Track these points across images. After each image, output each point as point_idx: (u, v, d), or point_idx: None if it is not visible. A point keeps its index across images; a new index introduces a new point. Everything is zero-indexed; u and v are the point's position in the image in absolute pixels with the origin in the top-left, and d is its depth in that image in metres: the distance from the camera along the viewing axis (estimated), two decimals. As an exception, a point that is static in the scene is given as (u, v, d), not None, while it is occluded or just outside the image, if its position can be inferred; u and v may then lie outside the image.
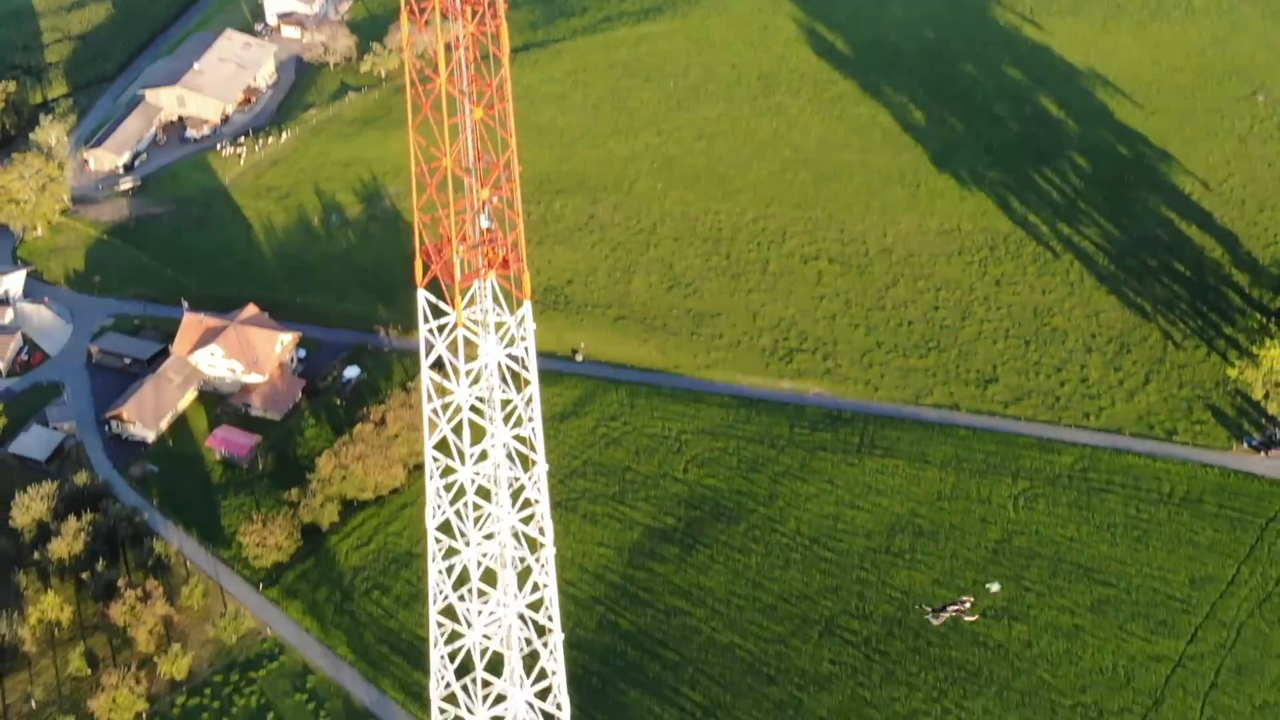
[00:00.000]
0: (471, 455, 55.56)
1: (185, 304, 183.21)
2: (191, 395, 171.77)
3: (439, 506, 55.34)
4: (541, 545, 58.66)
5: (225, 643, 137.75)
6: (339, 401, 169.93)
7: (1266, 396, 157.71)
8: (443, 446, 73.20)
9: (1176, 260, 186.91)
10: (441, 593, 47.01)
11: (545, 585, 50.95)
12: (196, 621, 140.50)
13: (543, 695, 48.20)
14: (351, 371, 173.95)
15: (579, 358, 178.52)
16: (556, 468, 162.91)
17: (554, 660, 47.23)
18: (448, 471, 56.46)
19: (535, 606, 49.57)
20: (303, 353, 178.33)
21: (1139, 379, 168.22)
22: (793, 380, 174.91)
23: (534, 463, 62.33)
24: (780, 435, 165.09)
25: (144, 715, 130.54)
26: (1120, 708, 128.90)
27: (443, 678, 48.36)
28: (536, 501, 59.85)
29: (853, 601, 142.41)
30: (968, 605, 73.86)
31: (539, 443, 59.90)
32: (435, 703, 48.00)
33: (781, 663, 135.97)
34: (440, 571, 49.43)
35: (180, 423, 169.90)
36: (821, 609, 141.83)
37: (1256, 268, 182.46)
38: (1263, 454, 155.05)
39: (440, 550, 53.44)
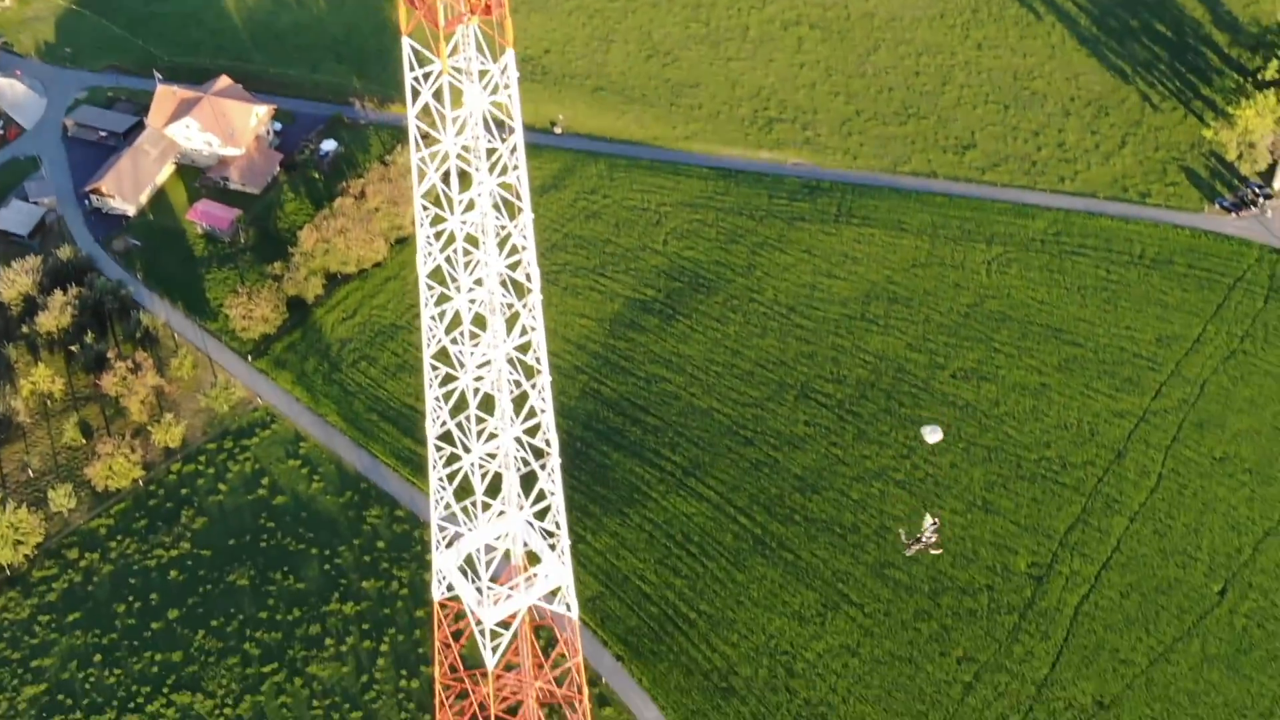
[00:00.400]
0: (460, 202, 56.41)
1: (158, 76, 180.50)
2: (169, 169, 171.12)
3: (429, 254, 56.48)
4: (529, 291, 60.05)
5: (217, 412, 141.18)
6: (317, 175, 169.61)
7: (1240, 157, 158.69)
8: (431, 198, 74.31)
9: (1157, 20, 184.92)
10: (434, 336, 48.89)
11: (534, 329, 52.73)
12: (187, 392, 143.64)
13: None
14: (329, 145, 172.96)
15: (558, 130, 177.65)
16: (538, 241, 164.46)
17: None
18: (437, 220, 57.57)
19: (523, 349, 51.86)
20: (278, 126, 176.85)
21: (1115, 142, 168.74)
22: (772, 150, 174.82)
23: (520, 210, 63.40)
24: (759, 206, 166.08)
25: (140, 482, 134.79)
26: (1083, 461, 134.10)
27: (438, 417, 50.80)
28: (524, 249, 60.93)
29: (827, 366, 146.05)
30: (934, 531, 76.20)
31: (524, 190, 60.73)
32: (431, 441, 50.52)
33: (758, 425, 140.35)
34: (432, 317, 51.28)
35: (159, 196, 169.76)
36: (797, 374, 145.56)
37: (1236, 26, 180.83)
38: (1234, 215, 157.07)
39: (432, 297, 54.92)
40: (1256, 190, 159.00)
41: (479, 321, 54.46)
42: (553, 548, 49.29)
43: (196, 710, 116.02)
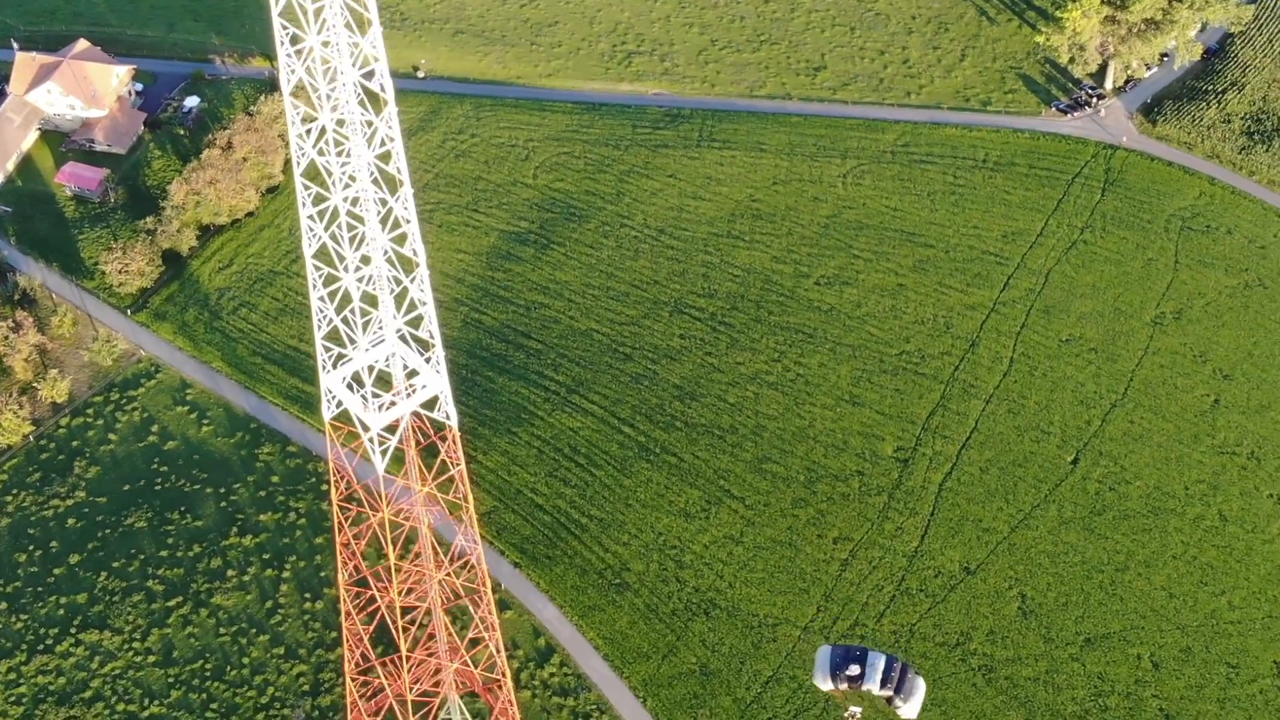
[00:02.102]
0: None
1: (16, 44, 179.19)
2: (34, 135, 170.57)
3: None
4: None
5: (101, 366, 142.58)
6: (182, 131, 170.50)
7: (1071, 60, 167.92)
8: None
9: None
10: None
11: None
12: (70, 349, 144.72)
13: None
14: (191, 101, 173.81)
15: (421, 74, 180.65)
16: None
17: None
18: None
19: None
20: (140, 86, 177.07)
21: (956, 56, 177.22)
22: (632, 83, 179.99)
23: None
24: (624, 136, 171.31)
25: (30, 437, 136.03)
26: (940, 352, 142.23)
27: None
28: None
29: (698, 282, 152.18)
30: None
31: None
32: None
33: (636, 341, 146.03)
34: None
35: (26, 162, 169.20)
36: (670, 291, 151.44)
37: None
38: (1069, 116, 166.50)
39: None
40: (1089, 91, 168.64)
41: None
42: (429, 361, 53.75)
43: (105, 646, 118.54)
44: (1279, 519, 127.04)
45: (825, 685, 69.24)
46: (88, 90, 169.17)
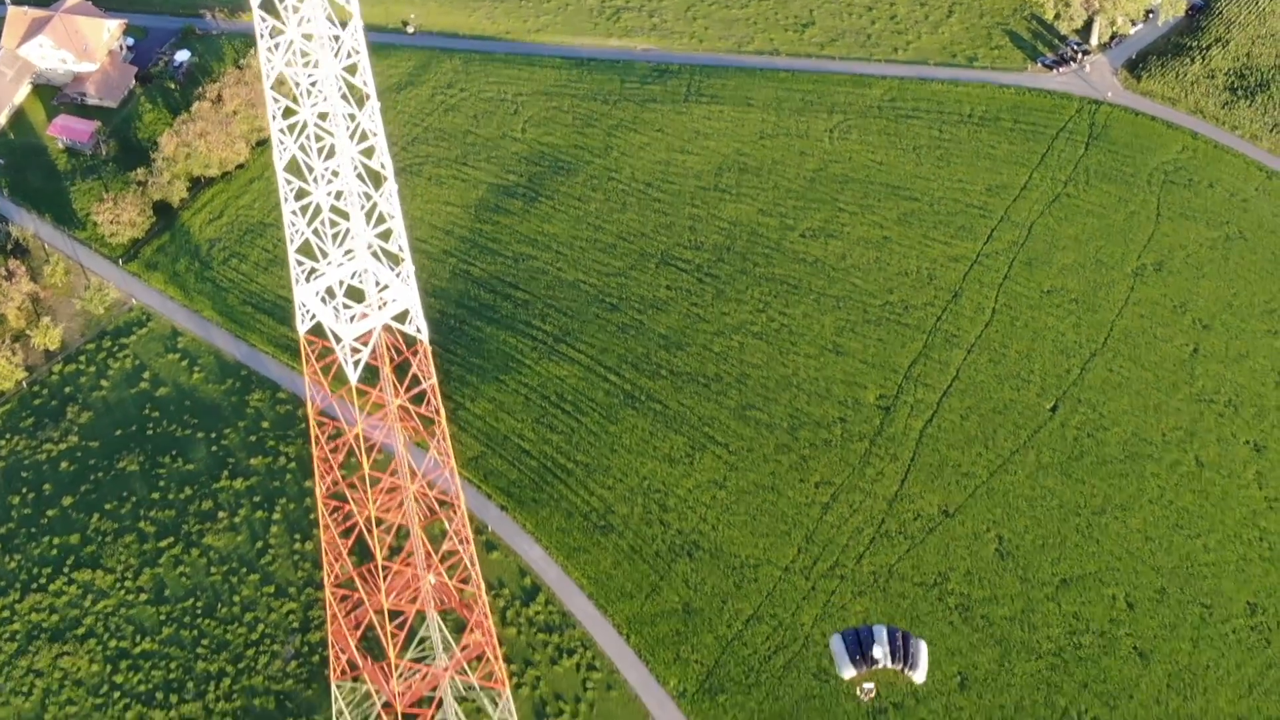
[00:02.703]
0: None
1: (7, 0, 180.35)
2: (26, 88, 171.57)
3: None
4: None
5: (93, 314, 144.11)
6: (173, 85, 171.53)
7: (1057, 16, 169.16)
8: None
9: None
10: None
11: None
12: (62, 297, 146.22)
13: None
14: (182, 55, 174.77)
15: (410, 30, 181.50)
16: (398, 135, 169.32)
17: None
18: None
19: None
20: (131, 40, 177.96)
21: (943, 12, 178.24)
22: (621, 38, 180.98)
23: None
24: (612, 91, 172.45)
25: (23, 383, 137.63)
26: (923, 303, 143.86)
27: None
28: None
29: (685, 235, 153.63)
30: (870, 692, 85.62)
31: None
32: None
33: (623, 292, 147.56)
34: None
35: (18, 116, 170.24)
36: (657, 244, 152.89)
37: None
38: (1055, 71, 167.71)
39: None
40: (1075, 47, 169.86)
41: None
42: (399, 276, 55.21)
43: (98, 585, 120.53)
44: (1255, 465, 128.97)
45: (849, 673, 72.66)
46: (79, 44, 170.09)
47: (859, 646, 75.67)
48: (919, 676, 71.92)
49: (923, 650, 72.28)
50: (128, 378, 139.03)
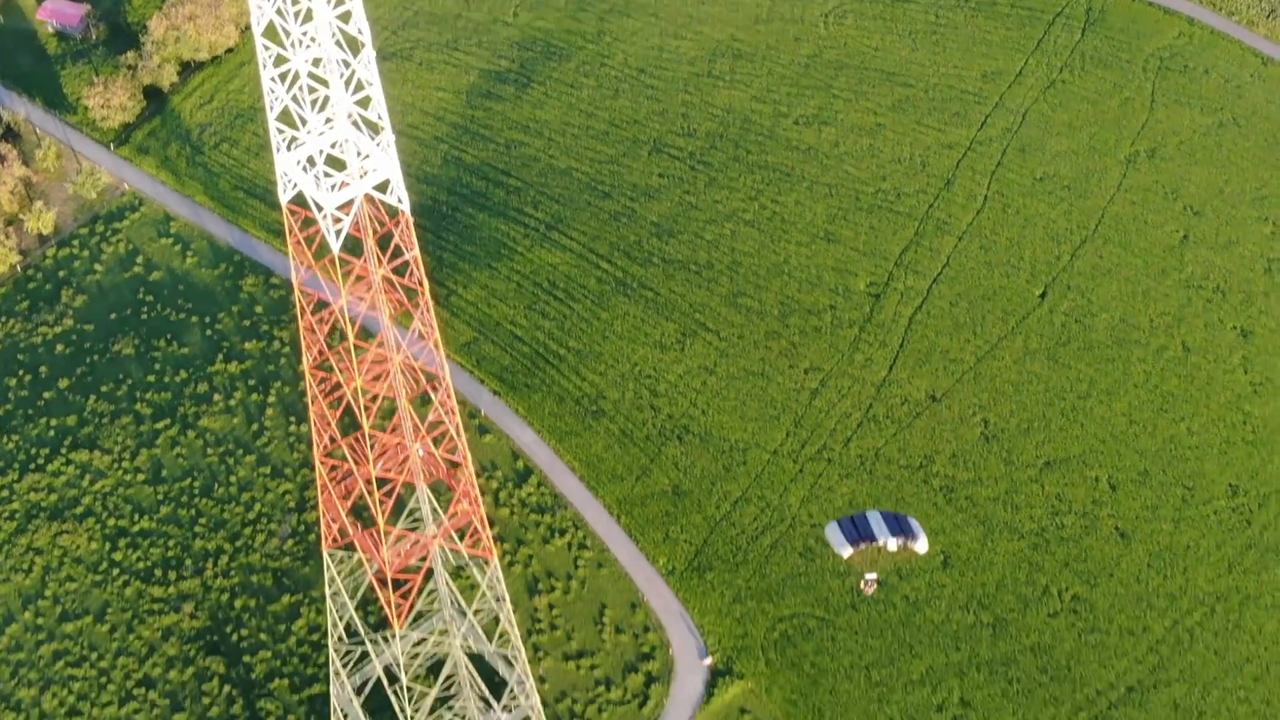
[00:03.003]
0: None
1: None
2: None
3: None
4: None
5: (86, 198, 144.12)
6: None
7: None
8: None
9: None
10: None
11: None
12: (55, 182, 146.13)
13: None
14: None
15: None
16: (388, 20, 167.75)
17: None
18: None
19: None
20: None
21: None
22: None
23: None
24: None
25: (18, 267, 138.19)
26: (916, 190, 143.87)
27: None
28: None
29: (678, 122, 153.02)
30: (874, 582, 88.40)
31: None
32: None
33: (615, 180, 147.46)
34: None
35: (6, 2, 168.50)
36: (650, 130, 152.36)
37: None
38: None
39: None
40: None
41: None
42: (379, 145, 55.56)
43: (95, 465, 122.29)
44: (1241, 350, 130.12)
45: (847, 552, 75.12)
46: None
47: (855, 530, 78.43)
48: (921, 546, 74.53)
49: (918, 524, 74.92)
50: (121, 262, 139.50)
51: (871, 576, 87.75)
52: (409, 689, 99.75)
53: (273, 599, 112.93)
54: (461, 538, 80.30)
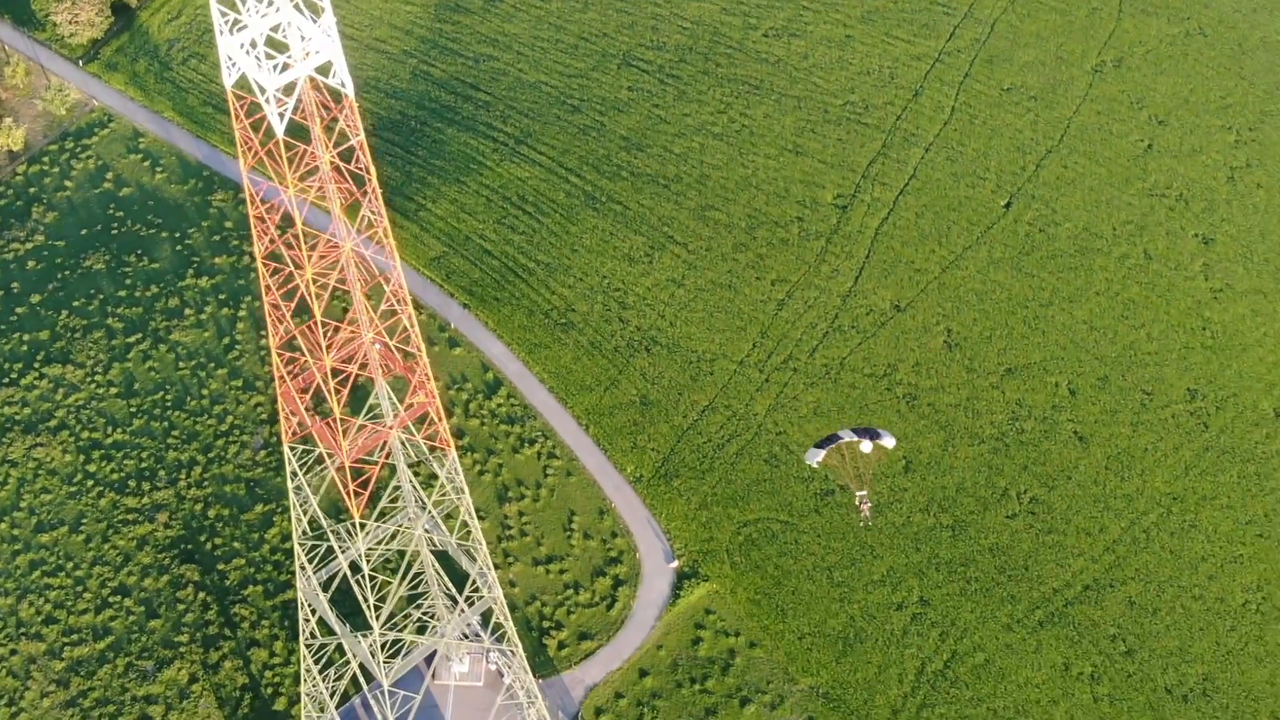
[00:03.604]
0: None
1: None
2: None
3: None
4: None
5: (55, 115, 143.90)
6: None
7: None
8: None
9: None
10: None
11: None
12: (24, 98, 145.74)
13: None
14: None
15: None
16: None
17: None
18: None
19: None
20: None
21: None
22: None
23: None
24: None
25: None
26: (884, 102, 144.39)
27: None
28: None
29: (647, 35, 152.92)
30: (864, 501, 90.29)
31: None
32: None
33: (584, 93, 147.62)
34: None
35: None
36: (619, 44, 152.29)
37: None
38: None
39: None
40: None
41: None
42: (321, 28, 56.27)
43: (68, 379, 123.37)
44: (1202, 257, 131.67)
45: (816, 459, 77.52)
46: None
47: (825, 442, 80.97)
48: (889, 441, 76.83)
49: (885, 432, 77.53)
50: (91, 178, 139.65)
51: (863, 494, 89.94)
52: (372, 578, 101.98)
53: (246, 508, 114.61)
54: (419, 428, 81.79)
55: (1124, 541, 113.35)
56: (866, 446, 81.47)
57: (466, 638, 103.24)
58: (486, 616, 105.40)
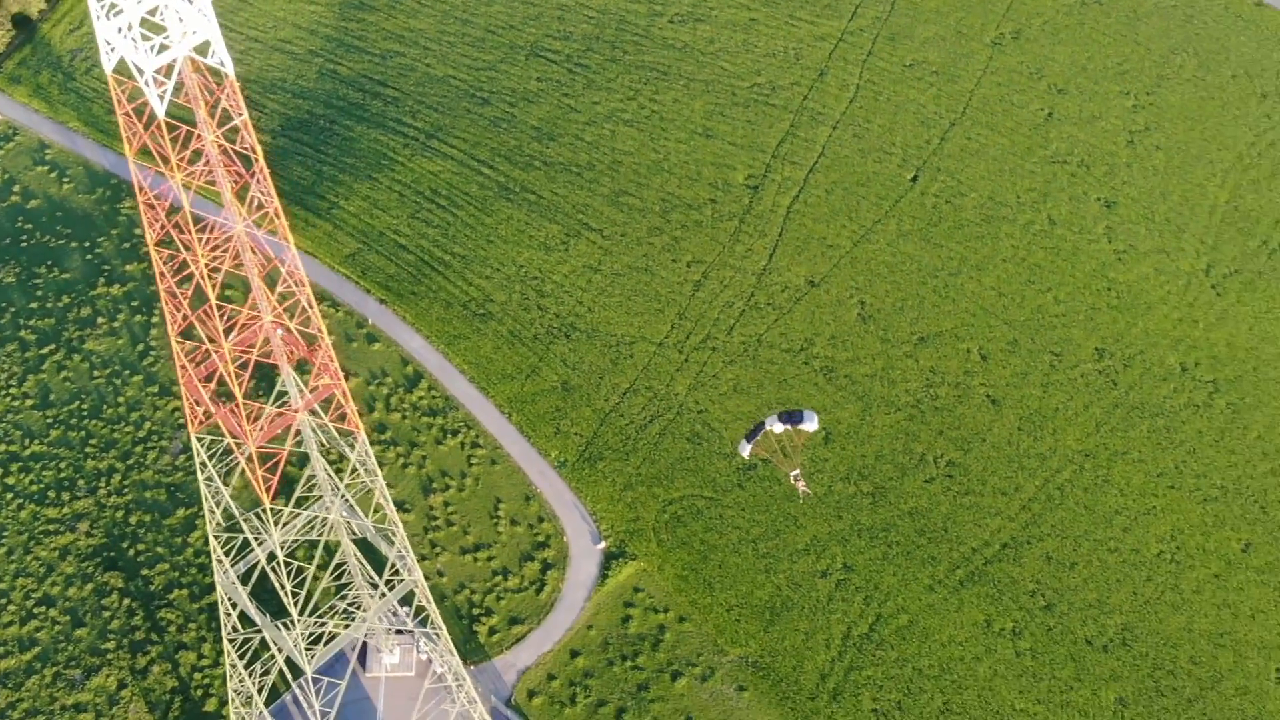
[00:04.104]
0: None
1: None
2: None
3: None
4: None
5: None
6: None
7: None
8: None
9: None
10: None
11: None
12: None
13: None
14: None
15: None
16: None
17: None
18: None
19: None
20: None
21: None
22: None
23: None
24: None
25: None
26: (790, 83, 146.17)
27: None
28: None
29: (554, 25, 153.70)
30: (800, 481, 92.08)
31: None
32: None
33: (493, 85, 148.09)
34: None
35: None
36: (526, 35, 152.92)
37: None
38: None
39: None
40: None
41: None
42: (196, 9, 56.57)
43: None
44: (1105, 220, 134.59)
45: (747, 450, 78.97)
46: None
47: (754, 432, 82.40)
48: (810, 425, 78.46)
49: (812, 414, 79.15)
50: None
51: (796, 472, 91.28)
52: (299, 569, 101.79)
53: (167, 513, 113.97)
54: (326, 411, 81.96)
55: (1039, 499, 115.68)
56: (779, 429, 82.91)
57: (391, 628, 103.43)
58: (411, 602, 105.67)
